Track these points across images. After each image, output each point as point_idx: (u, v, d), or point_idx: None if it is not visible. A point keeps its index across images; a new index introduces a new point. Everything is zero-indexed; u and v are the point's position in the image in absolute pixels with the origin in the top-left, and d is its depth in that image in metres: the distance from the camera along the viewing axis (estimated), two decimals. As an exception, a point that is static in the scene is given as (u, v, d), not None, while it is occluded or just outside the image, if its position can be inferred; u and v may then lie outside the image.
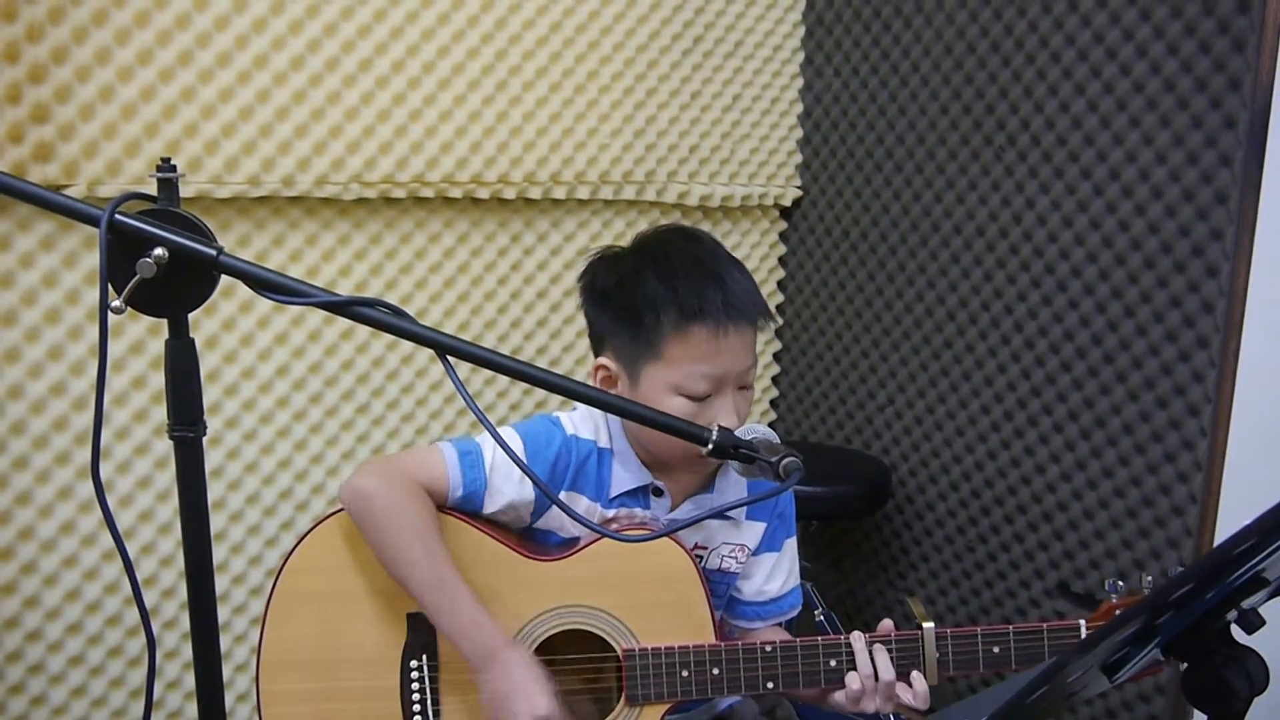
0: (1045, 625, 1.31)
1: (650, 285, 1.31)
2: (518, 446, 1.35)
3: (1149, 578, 1.31)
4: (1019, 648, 1.31)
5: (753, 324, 1.32)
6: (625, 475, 1.38)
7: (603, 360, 1.37)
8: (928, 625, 1.30)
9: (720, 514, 1.40)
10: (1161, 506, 2.10)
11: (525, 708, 1.20)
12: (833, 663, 1.30)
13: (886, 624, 1.34)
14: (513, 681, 1.21)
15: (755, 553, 1.46)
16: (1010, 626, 1.31)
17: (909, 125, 2.49)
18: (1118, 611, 1.29)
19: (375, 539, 1.29)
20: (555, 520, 1.38)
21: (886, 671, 1.29)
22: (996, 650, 1.31)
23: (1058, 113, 2.19)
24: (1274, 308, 1.90)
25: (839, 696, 1.32)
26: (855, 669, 1.30)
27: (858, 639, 1.31)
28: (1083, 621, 1.31)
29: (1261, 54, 1.86)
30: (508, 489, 1.33)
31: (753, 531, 1.45)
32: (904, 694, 1.30)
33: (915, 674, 1.30)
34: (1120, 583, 1.31)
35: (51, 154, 1.80)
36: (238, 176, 1.98)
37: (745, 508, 1.44)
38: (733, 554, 1.44)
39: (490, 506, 1.34)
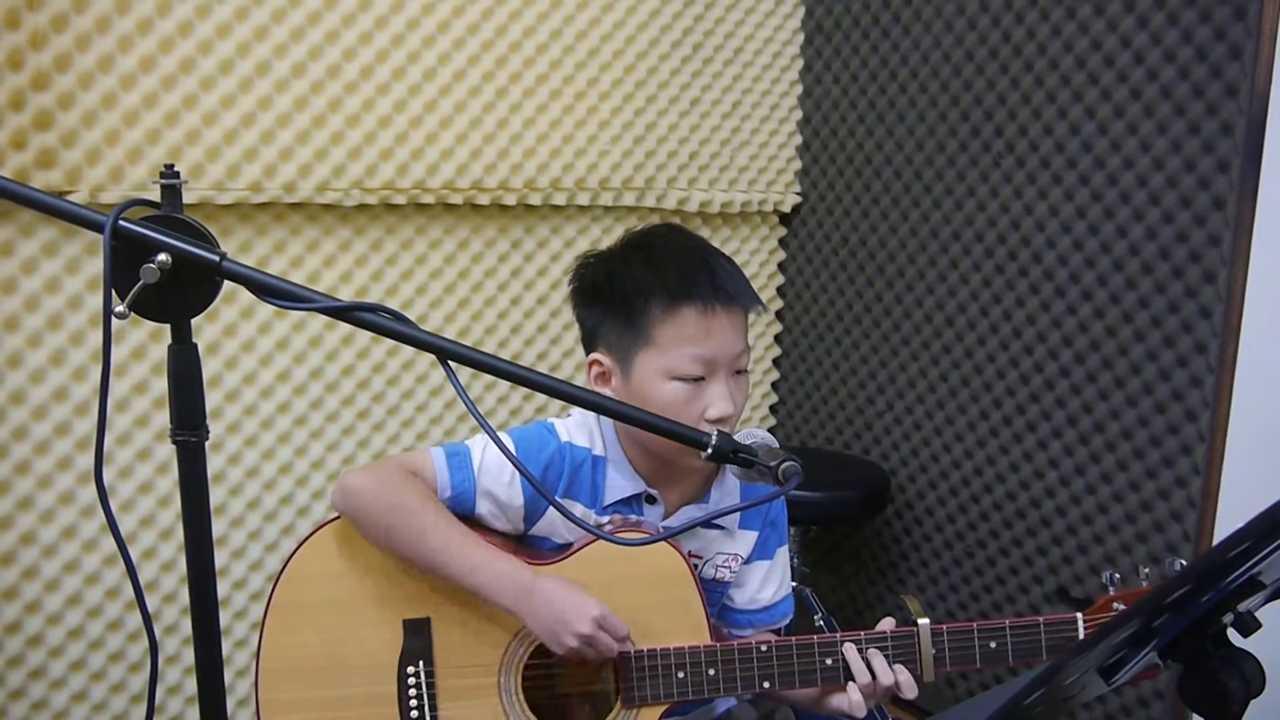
0: (1042, 619, 1.30)
1: (638, 273, 1.32)
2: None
3: (1146, 570, 1.31)
4: (1016, 642, 1.30)
5: (742, 307, 1.32)
6: (620, 483, 1.38)
7: (595, 355, 1.37)
8: (923, 621, 1.30)
9: (714, 519, 1.40)
10: (1160, 511, 2.10)
11: (580, 617, 1.23)
12: (828, 661, 1.30)
13: (887, 622, 1.34)
14: (558, 601, 1.24)
15: (748, 561, 1.47)
16: (1007, 621, 1.31)
17: (908, 131, 2.50)
18: (1115, 605, 1.29)
19: (374, 526, 1.29)
20: (549, 526, 1.38)
21: (885, 676, 1.29)
22: (993, 645, 1.30)
23: (1055, 119, 2.20)
24: (1271, 313, 1.91)
25: (837, 702, 1.32)
26: (853, 678, 1.30)
27: (850, 650, 1.30)
28: (1080, 615, 1.30)
29: (1258, 61, 1.87)
30: (497, 490, 1.34)
31: (745, 540, 1.46)
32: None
33: (896, 666, 1.30)
34: (1117, 575, 1.31)
35: (54, 160, 1.81)
36: (240, 183, 1.99)
37: (738, 518, 1.45)
38: (726, 564, 1.44)
39: (479, 508, 1.34)
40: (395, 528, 1.28)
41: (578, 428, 1.41)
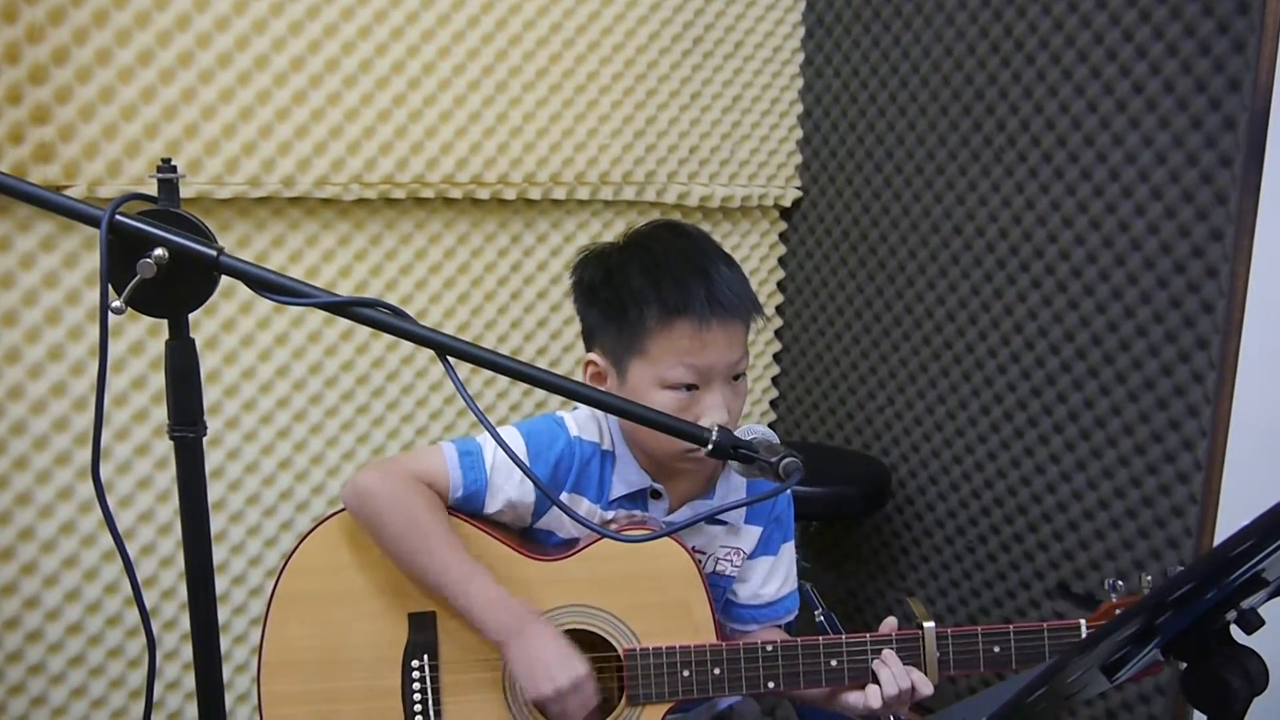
0: (1045, 625, 1.31)
1: (635, 280, 1.30)
2: (520, 446, 1.35)
3: (1149, 577, 1.31)
4: (1019, 647, 1.31)
5: (739, 318, 1.30)
6: (626, 478, 1.38)
7: (592, 356, 1.37)
8: (928, 625, 1.31)
9: (717, 516, 1.40)
10: (1161, 507, 2.10)
11: (555, 678, 1.22)
12: (833, 662, 1.30)
13: (890, 622, 1.34)
14: (539, 654, 1.23)
15: (751, 556, 1.46)
16: (1010, 626, 1.32)
17: (909, 126, 2.50)
18: (1118, 611, 1.29)
19: (382, 534, 1.29)
20: (555, 520, 1.38)
21: (903, 681, 1.29)
22: (997, 650, 1.31)
23: (1058, 113, 2.19)
24: (1273, 309, 1.91)
25: (851, 698, 1.31)
26: (879, 684, 1.29)
27: (887, 665, 1.29)
28: (1083, 621, 1.31)
29: (1261, 55, 1.86)
30: (509, 489, 1.33)
31: (749, 535, 1.46)
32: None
33: (908, 667, 1.30)
34: (1120, 582, 1.31)
35: (52, 155, 1.81)
36: (238, 177, 1.98)
37: (743, 513, 1.44)
38: (728, 557, 1.44)
39: (491, 506, 1.34)
40: (403, 540, 1.28)
41: (587, 421, 1.40)
